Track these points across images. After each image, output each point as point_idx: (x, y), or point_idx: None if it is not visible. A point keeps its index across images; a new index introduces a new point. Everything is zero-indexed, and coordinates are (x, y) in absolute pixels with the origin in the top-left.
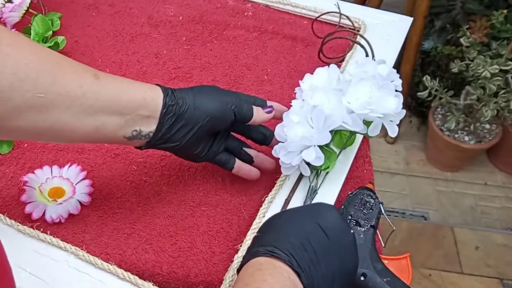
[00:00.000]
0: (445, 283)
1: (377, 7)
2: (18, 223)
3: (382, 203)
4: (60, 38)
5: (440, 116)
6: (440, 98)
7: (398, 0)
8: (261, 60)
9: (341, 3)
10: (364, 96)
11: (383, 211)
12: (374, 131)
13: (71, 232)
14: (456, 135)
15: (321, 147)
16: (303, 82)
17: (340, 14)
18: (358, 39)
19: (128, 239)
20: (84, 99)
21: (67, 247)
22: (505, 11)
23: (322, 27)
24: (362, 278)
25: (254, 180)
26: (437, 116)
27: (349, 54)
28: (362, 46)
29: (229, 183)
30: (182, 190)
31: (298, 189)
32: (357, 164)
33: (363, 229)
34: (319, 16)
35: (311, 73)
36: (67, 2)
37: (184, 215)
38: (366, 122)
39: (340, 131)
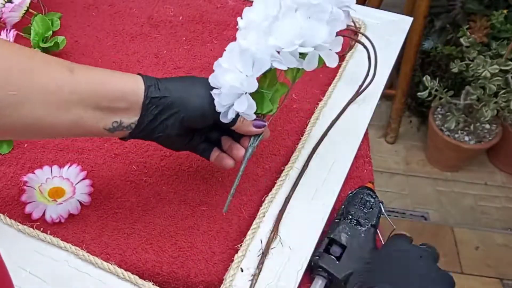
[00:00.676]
0: None
1: (377, 7)
2: (18, 223)
3: (382, 202)
4: (60, 38)
5: (440, 116)
6: (440, 98)
7: (398, 0)
8: None
9: None
10: (292, 30)
11: (383, 210)
12: (311, 65)
13: (71, 232)
14: (456, 135)
15: (257, 92)
16: (241, 19)
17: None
18: (360, 39)
19: (128, 239)
20: (59, 94)
21: (67, 247)
22: (505, 11)
23: None
24: None
25: (254, 180)
26: (437, 116)
27: (349, 54)
28: (365, 46)
29: (229, 183)
30: (182, 190)
31: (298, 189)
32: (357, 164)
33: (364, 229)
34: None
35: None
36: (67, 2)
37: (184, 215)
38: (303, 55)
39: (271, 71)
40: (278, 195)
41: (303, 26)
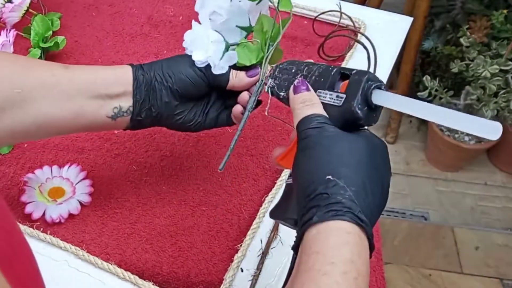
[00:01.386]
0: (445, 283)
1: (377, 7)
2: (18, 223)
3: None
4: (60, 38)
5: None
6: (440, 98)
7: (398, 0)
8: None
9: (341, 3)
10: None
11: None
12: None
13: (71, 232)
14: (456, 135)
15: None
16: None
17: (341, 13)
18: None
19: (128, 239)
20: (59, 87)
21: (67, 247)
22: (505, 11)
23: (322, 27)
24: None
25: (254, 180)
26: None
27: (349, 54)
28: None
29: (229, 183)
30: (182, 190)
31: None
32: None
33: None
34: (321, 14)
35: None
36: (67, 2)
37: (184, 215)
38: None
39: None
40: (278, 195)
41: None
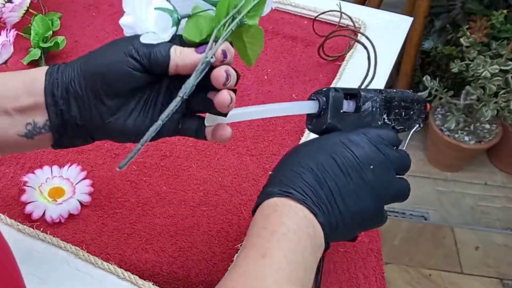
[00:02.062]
0: (445, 283)
1: (377, 7)
2: (18, 223)
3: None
4: (60, 38)
5: (440, 116)
6: (440, 98)
7: (398, 0)
8: (261, 60)
9: (341, 3)
10: None
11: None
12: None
13: (71, 232)
14: (456, 135)
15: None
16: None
17: (341, 13)
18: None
19: (128, 239)
20: None
21: (67, 247)
22: (505, 11)
23: (322, 27)
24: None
25: (254, 180)
26: (437, 116)
27: (349, 54)
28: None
29: (229, 183)
30: (182, 190)
31: None
32: None
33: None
34: (321, 14)
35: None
36: (67, 2)
37: (184, 215)
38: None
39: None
40: None
41: None
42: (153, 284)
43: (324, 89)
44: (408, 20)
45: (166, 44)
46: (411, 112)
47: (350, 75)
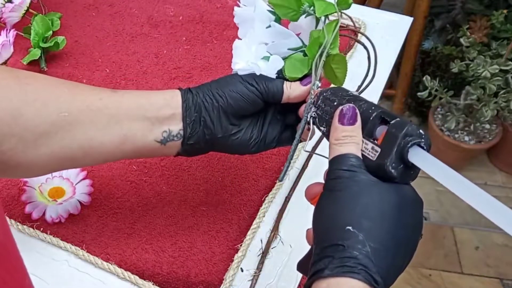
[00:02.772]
0: (445, 283)
1: (377, 7)
2: (18, 223)
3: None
4: (60, 38)
5: (440, 116)
6: (440, 98)
7: (398, 0)
8: None
9: None
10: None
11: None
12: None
13: (71, 232)
14: (456, 135)
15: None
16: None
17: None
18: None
19: (128, 239)
20: (106, 110)
21: (67, 247)
22: (505, 11)
23: None
24: None
25: (254, 180)
26: (437, 116)
27: (349, 54)
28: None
29: (229, 183)
30: (182, 190)
31: (298, 189)
32: None
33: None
34: None
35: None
36: (67, 2)
37: (184, 215)
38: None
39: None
40: (278, 195)
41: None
42: (153, 284)
43: (420, 133)
44: (408, 20)
45: (279, 81)
46: None
47: (350, 75)
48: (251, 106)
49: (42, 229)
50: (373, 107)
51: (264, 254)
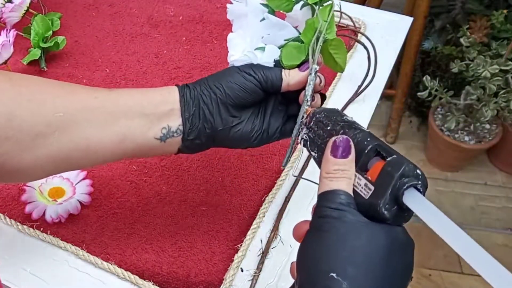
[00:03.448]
0: (445, 283)
1: (377, 7)
2: (18, 223)
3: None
4: (60, 38)
5: (440, 116)
6: (440, 98)
7: (398, 0)
8: None
9: (341, 3)
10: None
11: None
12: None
13: (71, 232)
14: (456, 135)
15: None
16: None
17: (341, 13)
18: (360, 38)
19: (128, 239)
20: (103, 109)
21: (67, 247)
22: (505, 11)
23: None
24: None
25: (254, 180)
26: (437, 116)
27: (349, 54)
28: (365, 46)
29: (229, 183)
30: (182, 190)
31: (298, 189)
32: None
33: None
34: None
35: None
36: (67, 2)
37: (184, 215)
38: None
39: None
40: (278, 195)
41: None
42: (153, 284)
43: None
44: (408, 20)
45: (278, 69)
46: None
47: (350, 75)
48: (250, 96)
49: (42, 229)
50: (369, 138)
51: (264, 254)
